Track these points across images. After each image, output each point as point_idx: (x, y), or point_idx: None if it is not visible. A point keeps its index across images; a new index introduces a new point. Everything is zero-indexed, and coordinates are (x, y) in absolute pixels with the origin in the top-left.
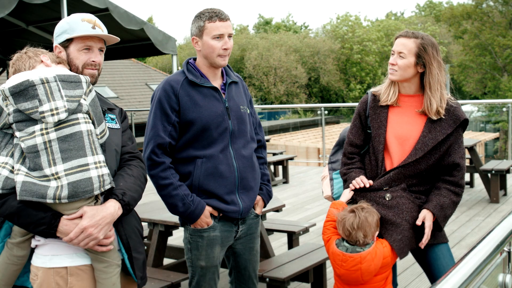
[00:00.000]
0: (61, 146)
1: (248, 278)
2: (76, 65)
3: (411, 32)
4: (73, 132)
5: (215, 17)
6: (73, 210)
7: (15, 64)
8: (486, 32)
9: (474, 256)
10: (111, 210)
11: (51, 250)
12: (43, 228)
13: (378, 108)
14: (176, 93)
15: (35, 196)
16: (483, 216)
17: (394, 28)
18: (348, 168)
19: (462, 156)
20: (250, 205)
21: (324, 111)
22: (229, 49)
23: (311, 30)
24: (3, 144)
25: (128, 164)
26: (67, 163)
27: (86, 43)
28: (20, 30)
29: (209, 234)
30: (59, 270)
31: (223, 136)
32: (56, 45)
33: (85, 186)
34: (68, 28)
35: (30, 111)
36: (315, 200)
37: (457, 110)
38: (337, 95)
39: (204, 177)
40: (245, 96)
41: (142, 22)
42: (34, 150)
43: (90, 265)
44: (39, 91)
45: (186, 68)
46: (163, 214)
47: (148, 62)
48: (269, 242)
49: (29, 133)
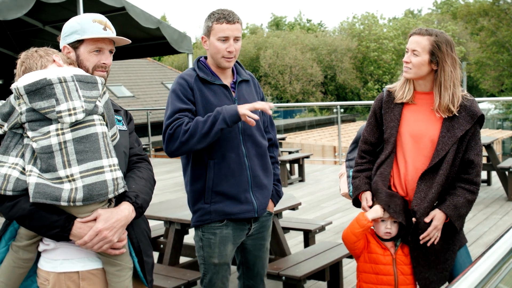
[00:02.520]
0: (77, 148)
1: (256, 275)
2: (86, 67)
3: (424, 29)
4: (89, 133)
5: (223, 18)
6: (87, 213)
7: (25, 62)
8: (503, 29)
9: (491, 255)
10: (126, 212)
11: (62, 254)
12: (57, 231)
13: (393, 104)
14: (191, 86)
15: (49, 198)
16: (501, 214)
17: (412, 26)
18: (357, 170)
19: (478, 153)
20: (265, 203)
21: (340, 109)
22: (233, 52)
23: (326, 28)
24: (12, 144)
25: (137, 167)
26: (83, 165)
27: (97, 45)
28: (37, 30)
29: (221, 231)
30: (70, 274)
31: (233, 135)
32: (65, 45)
33: (100, 189)
34: (79, 29)
35: (46, 110)
36: (331, 198)
37: (473, 106)
38: (353, 93)
39: (217, 178)
40: (256, 94)
41: (158, 21)
42: (48, 151)
43: (101, 269)
44: (56, 90)
45: (197, 66)
46: (179, 213)
47: (164, 61)
48: (285, 240)
49: (43, 133)
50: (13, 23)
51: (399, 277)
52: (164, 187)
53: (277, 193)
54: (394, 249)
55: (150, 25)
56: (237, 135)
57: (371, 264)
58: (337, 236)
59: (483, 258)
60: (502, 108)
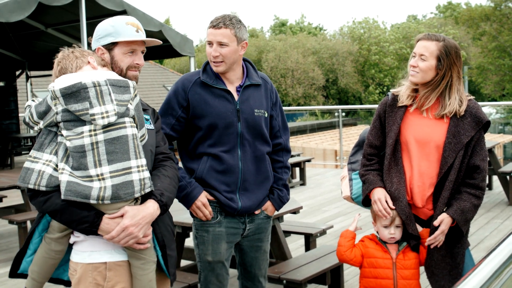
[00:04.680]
0: (108, 148)
1: (253, 276)
2: (120, 67)
3: (432, 34)
4: (120, 135)
5: (211, 23)
6: (115, 210)
7: (61, 62)
8: (505, 34)
9: (492, 259)
10: (151, 210)
11: (90, 246)
12: (86, 226)
13: (396, 108)
14: (186, 90)
15: (79, 196)
16: (502, 219)
17: (413, 30)
18: (366, 169)
19: (483, 159)
20: (251, 206)
21: (342, 113)
22: (218, 56)
23: (327, 32)
24: (47, 141)
25: (163, 165)
26: (113, 165)
27: (131, 47)
28: (39, 32)
29: (214, 229)
30: (97, 265)
31: (230, 137)
32: (99, 47)
33: (127, 188)
34: (113, 32)
35: (80, 112)
36: (333, 202)
37: (478, 112)
38: (355, 97)
39: (207, 171)
40: (266, 99)
41: (160, 24)
42: (81, 150)
43: (127, 261)
44: (90, 94)
45: (203, 68)
46: (180, 216)
47: (166, 64)
48: (286, 244)
49: (77, 133)
50: (16, 25)
51: (399, 282)
52: None
53: (279, 198)
54: (397, 252)
55: (152, 28)
56: (235, 138)
57: (370, 268)
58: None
59: (484, 262)
60: (504, 112)
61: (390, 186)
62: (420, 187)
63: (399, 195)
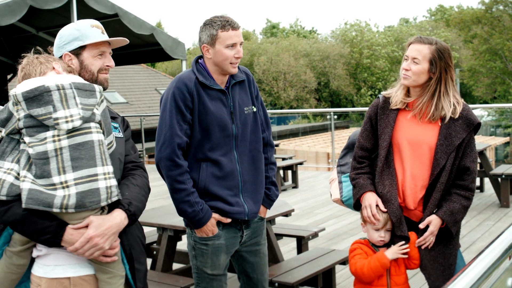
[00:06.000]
0: (72, 154)
1: (257, 282)
2: (91, 71)
3: (425, 38)
4: (85, 141)
5: (228, 26)
6: (79, 220)
7: (25, 68)
8: (496, 37)
9: (482, 260)
10: (117, 220)
11: (54, 260)
12: (48, 237)
13: (388, 110)
14: (190, 91)
15: (42, 204)
16: (493, 221)
17: (405, 33)
18: (357, 173)
19: (473, 160)
20: (256, 208)
21: (334, 116)
22: (241, 57)
23: (319, 35)
24: (9, 149)
25: (132, 174)
26: (77, 172)
27: (100, 49)
28: (30, 36)
29: (213, 242)
30: (62, 280)
31: (227, 140)
32: (66, 53)
33: (93, 196)
34: (80, 35)
35: (43, 117)
36: (325, 205)
37: (469, 114)
38: (347, 100)
39: (209, 179)
40: (250, 94)
41: (151, 27)
42: (44, 157)
43: (93, 275)
44: (54, 97)
45: (196, 68)
46: (173, 219)
47: (158, 68)
48: (278, 246)
49: (40, 139)
50: (7, 29)
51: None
52: (157, 194)
53: (267, 196)
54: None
55: (144, 31)
56: (231, 140)
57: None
58: (330, 242)
59: (474, 263)
60: (495, 115)
61: (382, 189)
62: (412, 189)
63: (391, 197)
